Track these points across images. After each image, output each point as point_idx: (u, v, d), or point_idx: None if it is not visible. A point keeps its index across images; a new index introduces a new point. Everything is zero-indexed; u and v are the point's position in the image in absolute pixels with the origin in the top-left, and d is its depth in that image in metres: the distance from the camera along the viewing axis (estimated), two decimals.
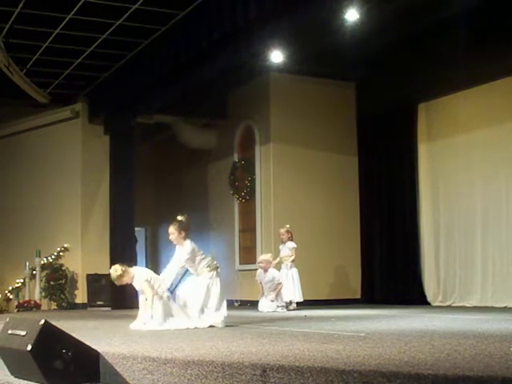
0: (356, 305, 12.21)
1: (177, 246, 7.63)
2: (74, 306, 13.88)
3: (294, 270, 11.29)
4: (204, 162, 15.25)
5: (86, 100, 14.43)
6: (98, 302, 13.49)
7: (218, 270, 7.60)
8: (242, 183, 13.77)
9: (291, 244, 11.36)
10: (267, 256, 11.18)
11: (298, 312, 10.34)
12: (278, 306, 10.81)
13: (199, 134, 14.93)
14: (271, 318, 8.97)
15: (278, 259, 11.33)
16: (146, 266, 16.77)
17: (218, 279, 7.53)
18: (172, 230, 7.56)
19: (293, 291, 11.12)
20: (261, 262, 11.06)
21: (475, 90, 11.37)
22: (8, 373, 5.01)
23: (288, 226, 11.51)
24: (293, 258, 11.30)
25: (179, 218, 7.68)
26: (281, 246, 11.49)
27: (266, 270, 10.92)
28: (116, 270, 7.50)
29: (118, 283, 7.60)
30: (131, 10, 10.29)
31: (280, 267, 11.33)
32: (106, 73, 13.23)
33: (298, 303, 11.15)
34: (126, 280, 7.53)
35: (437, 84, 11.92)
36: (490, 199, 11.30)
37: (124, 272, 7.52)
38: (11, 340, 4.80)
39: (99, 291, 13.62)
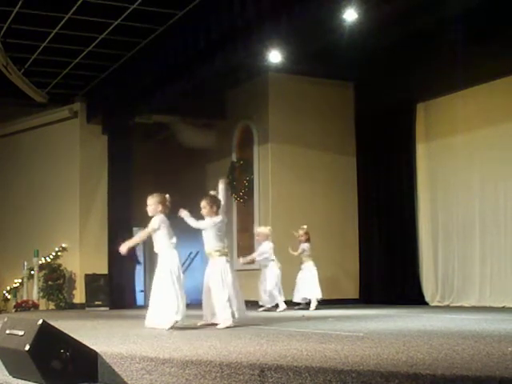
0: (354, 305, 12.21)
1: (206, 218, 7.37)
2: (72, 306, 13.87)
3: (310, 265, 11.13)
4: (202, 161, 15.25)
5: (85, 100, 14.43)
6: (96, 302, 13.48)
7: (228, 258, 7.40)
8: (241, 183, 13.77)
9: (304, 245, 11.23)
10: (261, 228, 11.23)
11: (295, 312, 10.33)
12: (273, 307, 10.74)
13: (198, 133, 14.93)
14: (269, 317, 8.97)
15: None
16: (145, 267, 16.83)
17: (229, 266, 7.27)
18: (204, 204, 7.34)
19: (309, 289, 10.97)
20: (257, 235, 11.11)
21: (474, 90, 11.37)
22: (6, 373, 5.00)
23: (305, 226, 11.34)
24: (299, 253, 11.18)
25: (212, 192, 7.54)
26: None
27: (259, 243, 11.02)
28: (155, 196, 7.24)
29: (149, 201, 7.25)
30: (129, 9, 10.29)
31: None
32: (105, 73, 13.22)
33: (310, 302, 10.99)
34: (154, 207, 7.15)
35: (435, 84, 11.93)
36: (488, 199, 11.31)
37: (162, 199, 7.23)
38: (9, 340, 4.80)
39: (97, 291, 13.63)
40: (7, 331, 4.88)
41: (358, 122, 13.82)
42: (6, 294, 14.60)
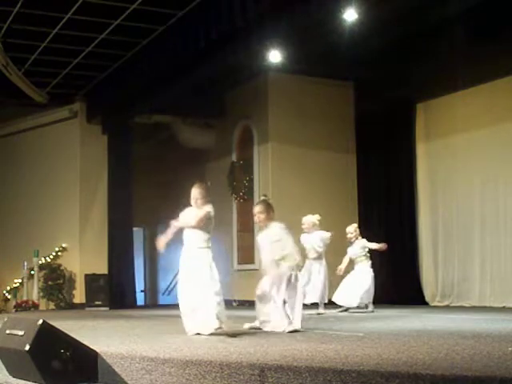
0: None
1: (264, 231, 6.75)
2: (72, 306, 13.87)
3: (368, 271, 10.15)
4: (202, 161, 15.24)
5: (85, 100, 14.42)
6: (96, 302, 13.48)
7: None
8: (241, 183, 13.76)
9: (362, 242, 10.16)
10: (308, 217, 9.85)
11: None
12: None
13: (197, 133, 14.93)
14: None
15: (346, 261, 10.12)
16: (144, 267, 16.84)
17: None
18: (261, 209, 6.69)
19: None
20: (303, 224, 9.74)
21: (473, 90, 11.37)
22: (6, 373, 5.00)
23: (355, 224, 10.52)
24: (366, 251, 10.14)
25: (264, 197, 6.94)
26: (349, 249, 10.31)
27: (310, 233, 9.76)
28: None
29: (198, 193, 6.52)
30: (129, 9, 10.28)
31: (352, 267, 10.33)
32: (105, 72, 13.22)
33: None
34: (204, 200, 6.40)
35: (435, 84, 11.93)
36: (488, 199, 11.31)
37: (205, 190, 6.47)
38: (9, 340, 4.80)
39: (97, 291, 13.63)
40: (7, 331, 4.88)
41: (358, 121, 13.81)
42: (6, 294, 14.60)
